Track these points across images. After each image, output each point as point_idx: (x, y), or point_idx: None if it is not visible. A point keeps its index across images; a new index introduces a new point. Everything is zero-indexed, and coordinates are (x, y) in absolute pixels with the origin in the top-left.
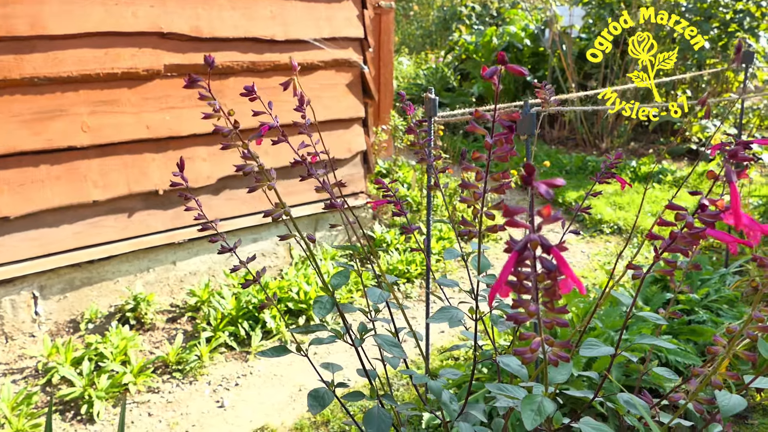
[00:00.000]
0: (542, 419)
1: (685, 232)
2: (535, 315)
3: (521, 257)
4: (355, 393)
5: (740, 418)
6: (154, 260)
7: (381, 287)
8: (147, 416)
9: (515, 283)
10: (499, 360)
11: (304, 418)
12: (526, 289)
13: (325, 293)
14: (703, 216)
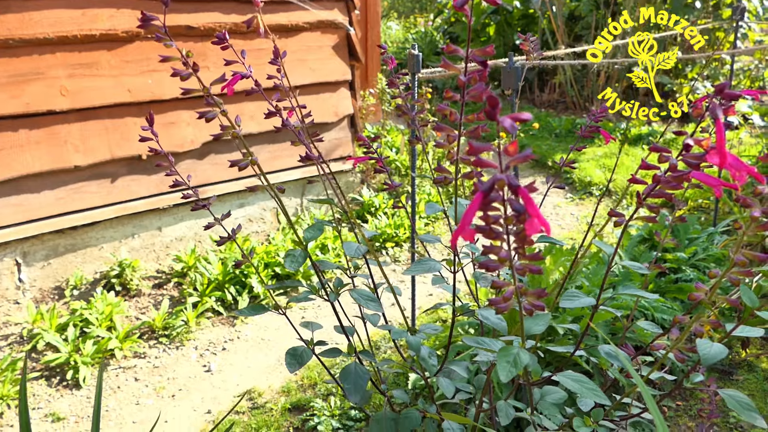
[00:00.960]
0: (518, 370)
1: (669, 175)
2: (506, 261)
3: (488, 199)
4: (332, 350)
5: (725, 374)
6: (139, 226)
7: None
8: (133, 381)
9: (484, 228)
10: (478, 313)
11: (291, 381)
12: (496, 234)
13: (297, 247)
14: (687, 157)
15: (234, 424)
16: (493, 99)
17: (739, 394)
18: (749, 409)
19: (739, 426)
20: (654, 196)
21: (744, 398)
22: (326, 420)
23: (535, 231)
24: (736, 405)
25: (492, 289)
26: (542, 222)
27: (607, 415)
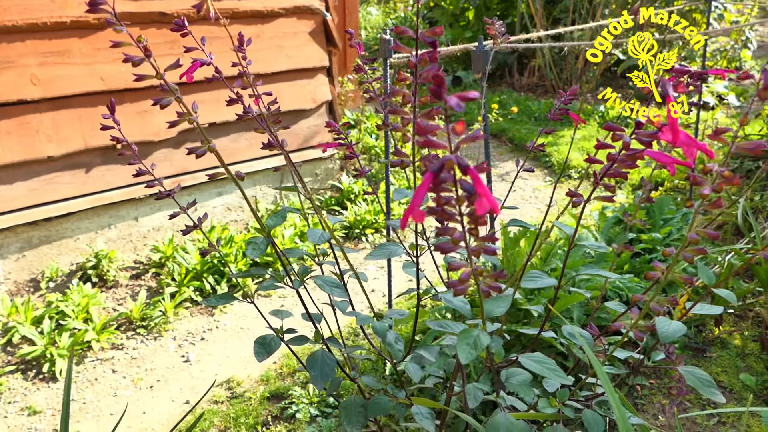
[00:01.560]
0: (478, 352)
1: (623, 154)
2: (459, 243)
3: (438, 179)
4: (299, 337)
5: (699, 352)
6: (116, 216)
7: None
8: (111, 373)
9: (436, 209)
10: (441, 297)
11: (270, 370)
12: (449, 215)
13: (261, 234)
14: (640, 135)
15: (212, 414)
16: (438, 77)
17: (699, 370)
18: (708, 385)
19: (712, 403)
20: (611, 176)
21: (703, 374)
22: (304, 407)
23: (484, 210)
24: (696, 381)
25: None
26: (491, 202)
27: (573, 395)
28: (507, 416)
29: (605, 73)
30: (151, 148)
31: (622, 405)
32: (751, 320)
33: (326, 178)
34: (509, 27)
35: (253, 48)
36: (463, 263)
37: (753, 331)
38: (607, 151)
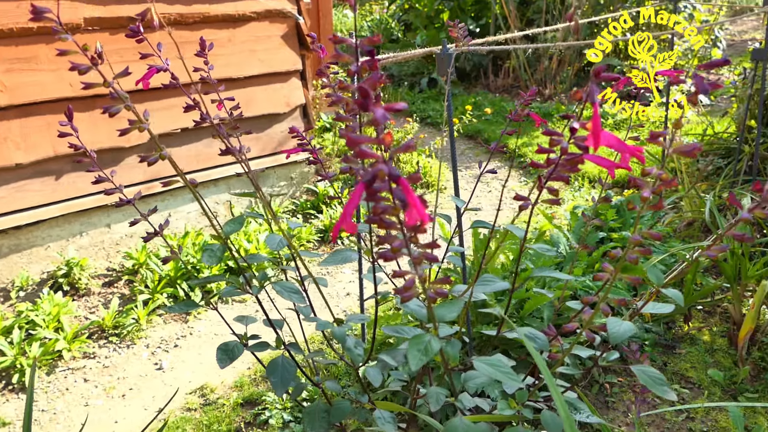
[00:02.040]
0: (429, 358)
1: (563, 158)
2: (399, 251)
3: (371, 189)
4: (261, 343)
5: (669, 348)
6: (87, 224)
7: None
8: (83, 382)
9: (374, 218)
10: (397, 302)
11: (244, 376)
12: (387, 224)
13: (217, 241)
14: (577, 140)
15: (184, 422)
16: (363, 90)
17: (650, 368)
18: (660, 384)
19: (682, 398)
20: (554, 179)
21: (654, 372)
22: (277, 413)
23: (414, 221)
24: (647, 379)
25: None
26: (420, 213)
27: (533, 396)
28: (463, 420)
29: (579, 73)
30: (123, 154)
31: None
32: (719, 316)
33: (302, 181)
34: (484, 28)
35: (225, 52)
36: (406, 271)
37: (721, 326)
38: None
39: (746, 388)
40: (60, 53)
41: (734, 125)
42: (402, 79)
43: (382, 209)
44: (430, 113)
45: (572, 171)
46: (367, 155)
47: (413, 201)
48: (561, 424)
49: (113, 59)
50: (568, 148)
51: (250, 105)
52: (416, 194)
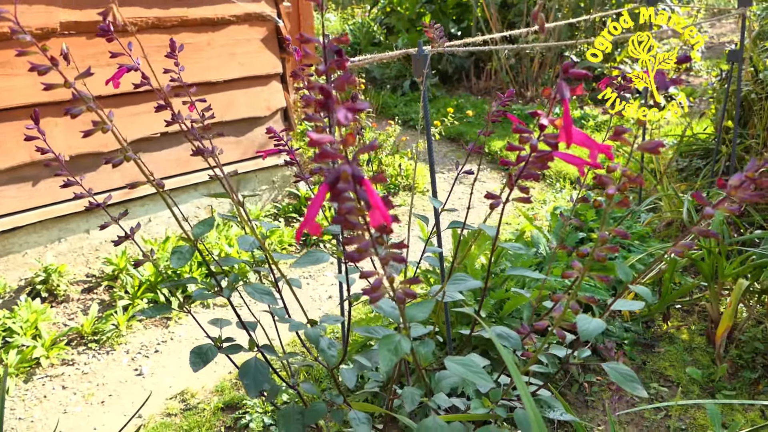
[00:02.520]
0: (399, 358)
1: (533, 156)
2: (365, 251)
3: (335, 190)
4: (234, 346)
5: (648, 347)
6: (66, 230)
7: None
8: (61, 389)
9: (339, 219)
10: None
11: (225, 380)
12: (352, 224)
13: (187, 243)
14: (546, 137)
15: (164, 427)
16: (324, 90)
17: (621, 366)
18: (631, 380)
19: (660, 396)
20: (525, 177)
21: (625, 370)
22: (258, 417)
23: (378, 223)
24: (618, 377)
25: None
26: (383, 215)
27: (506, 395)
28: (436, 419)
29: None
30: (101, 158)
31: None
32: (697, 315)
33: (283, 185)
34: (465, 31)
35: (205, 56)
36: (373, 271)
37: (699, 325)
38: None
39: (724, 386)
40: (19, 53)
41: (712, 126)
42: (384, 82)
43: (347, 210)
44: (412, 116)
45: (542, 168)
46: (330, 156)
47: (375, 203)
48: None
49: (89, 63)
50: (538, 145)
51: (230, 108)
52: (380, 196)
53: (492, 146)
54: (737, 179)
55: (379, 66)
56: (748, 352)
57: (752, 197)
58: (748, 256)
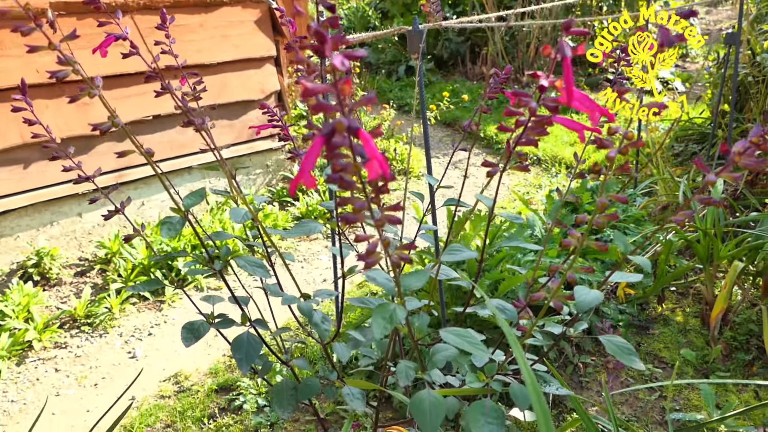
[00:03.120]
0: (393, 326)
1: (532, 120)
2: (361, 213)
3: (331, 144)
4: (225, 320)
5: (642, 329)
6: (58, 213)
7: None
8: (54, 372)
9: (334, 177)
10: (366, 275)
11: (219, 363)
12: (348, 184)
13: (178, 214)
14: (545, 100)
15: (158, 409)
16: (319, 34)
17: (619, 339)
18: (628, 353)
19: (654, 377)
20: (523, 144)
21: (622, 342)
22: (252, 398)
23: (376, 174)
24: (615, 349)
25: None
26: (382, 165)
27: (501, 369)
28: (430, 392)
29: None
30: (94, 141)
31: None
32: (692, 297)
33: (278, 169)
34: (461, 15)
35: (197, 38)
36: (369, 235)
37: (694, 307)
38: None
39: (718, 367)
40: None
41: (708, 110)
42: (379, 68)
43: (342, 167)
44: (407, 101)
45: (542, 134)
46: (325, 108)
47: (373, 153)
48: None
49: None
50: (537, 108)
51: (224, 91)
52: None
53: (487, 131)
54: (741, 146)
55: (374, 51)
56: (742, 334)
57: (756, 164)
58: (743, 238)
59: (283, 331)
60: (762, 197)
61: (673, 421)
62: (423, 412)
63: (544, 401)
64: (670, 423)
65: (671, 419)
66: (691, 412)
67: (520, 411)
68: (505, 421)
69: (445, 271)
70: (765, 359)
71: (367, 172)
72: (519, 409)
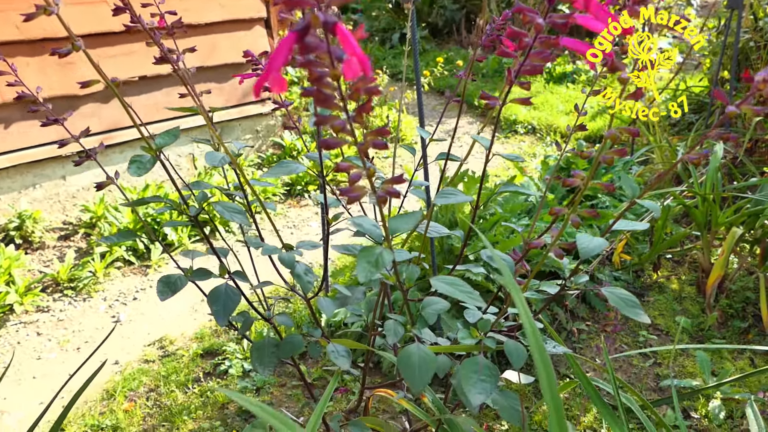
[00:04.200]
0: (378, 270)
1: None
2: (341, 130)
3: (303, 43)
4: (201, 270)
5: (637, 296)
6: (41, 175)
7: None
8: (35, 336)
9: (312, 90)
10: (350, 221)
11: (205, 327)
12: (326, 98)
13: (148, 153)
14: (554, 17)
15: (142, 373)
16: None
17: (622, 291)
18: (632, 306)
19: (648, 344)
20: (526, 72)
21: (627, 295)
22: (237, 363)
23: (354, 74)
24: (619, 301)
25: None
26: (362, 61)
27: (496, 325)
28: (420, 346)
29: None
30: (76, 102)
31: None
32: (687, 265)
33: (267, 135)
34: None
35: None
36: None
37: (689, 275)
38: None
39: (713, 335)
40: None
41: (706, 79)
42: (373, 35)
43: (318, 75)
44: (401, 69)
45: (546, 59)
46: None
47: (353, 50)
48: (524, 353)
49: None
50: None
51: (212, 53)
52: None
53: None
54: (764, 74)
55: (367, 18)
56: (738, 302)
57: None
58: (742, 204)
59: (265, 284)
60: (760, 165)
61: (668, 388)
62: (411, 366)
63: (545, 349)
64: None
65: (668, 385)
66: (686, 379)
67: (514, 371)
68: (498, 380)
69: (436, 228)
70: (761, 327)
71: (344, 72)
72: (514, 367)
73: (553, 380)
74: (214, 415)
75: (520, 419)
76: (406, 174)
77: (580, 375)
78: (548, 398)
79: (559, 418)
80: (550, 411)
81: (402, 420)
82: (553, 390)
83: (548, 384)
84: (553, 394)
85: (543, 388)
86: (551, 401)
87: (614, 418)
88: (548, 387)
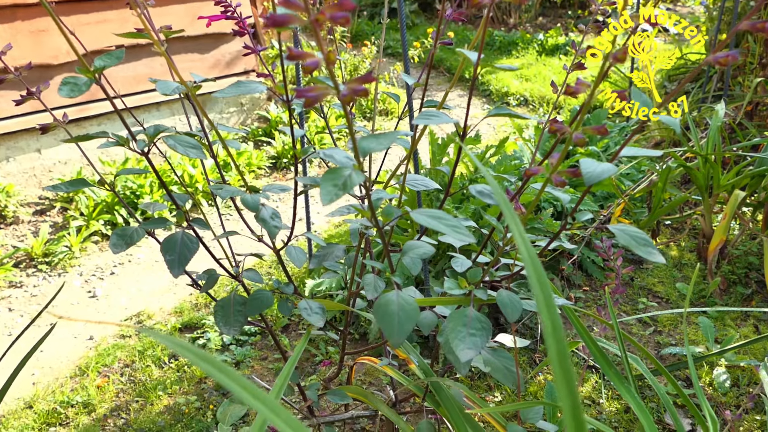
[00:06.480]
0: (345, 192)
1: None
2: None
3: None
4: (159, 219)
5: (636, 263)
6: (14, 148)
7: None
8: (7, 312)
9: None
10: (320, 153)
11: (185, 302)
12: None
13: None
14: None
15: (117, 348)
16: None
17: (631, 228)
18: (644, 244)
19: (648, 312)
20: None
21: (638, 232)
22: (216, 336)
23: None
24: (629, 240)
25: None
26: None
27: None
28: (399, 293)
29: (544, 2)
30: (50, 72)
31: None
32: (687, 232)
33: (253, 108)
34: None
35: None
36: (308, 53)
37: (689, 242)
38: None
39: (715, 302)
40: None
41: (703, 45)
42: (362, 10)
43: None
44: (390, 43)
45: None
46: None
47: None
48: (519, 305)
49: None
50: None
51: (194, 22)
52: None
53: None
54: None
55: None
56: (741, 268)
57: None
58: (744, 165)
59: (231, 234)
60: (762, 129)
61: (669, 356)
62: (389, 315)
63: (549, 290)
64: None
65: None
66: (689, 347)
67: (508, 335)
68: (490, 334)
69: (423, 181)
70: (765, 293)
71: None
72: (508, 318)
73: (555, 311)
74: (191, 390)
75: (515, 380)
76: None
77: (581, 332)
78: (551, 341)
79: (563, 360)
80: (552, 355)
81: (388, 391)
82: (557, 327)
83: (548, 313)
84: (557, 338)
85: (545, 326)
86: (554, 345)
87: (620, 379)
88: (549, 317)
